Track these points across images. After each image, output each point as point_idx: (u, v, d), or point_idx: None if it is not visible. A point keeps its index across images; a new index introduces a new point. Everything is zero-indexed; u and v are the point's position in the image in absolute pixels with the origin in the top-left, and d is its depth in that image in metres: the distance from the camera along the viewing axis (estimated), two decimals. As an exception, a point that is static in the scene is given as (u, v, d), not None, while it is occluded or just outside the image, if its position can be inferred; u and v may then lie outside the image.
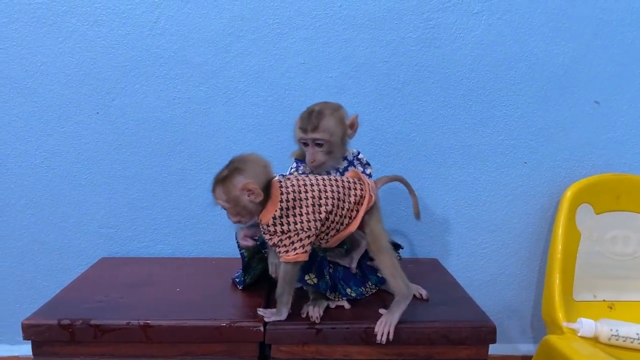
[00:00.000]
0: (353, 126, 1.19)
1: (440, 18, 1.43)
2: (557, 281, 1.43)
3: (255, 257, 1.25)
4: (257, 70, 1.45)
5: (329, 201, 1.06)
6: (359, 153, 1.25)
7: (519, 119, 1.50)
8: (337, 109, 1.18)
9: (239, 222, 1.08)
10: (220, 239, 1.53)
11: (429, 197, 1.53)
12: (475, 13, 1.43)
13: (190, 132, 1.47)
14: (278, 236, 1.04)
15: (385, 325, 1.06)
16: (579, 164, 1.53)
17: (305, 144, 1.17)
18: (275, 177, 1.08)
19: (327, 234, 1.08)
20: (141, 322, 1.05)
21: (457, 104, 1.48)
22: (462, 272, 1.57)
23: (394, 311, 1.07)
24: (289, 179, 1.08)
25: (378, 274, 1.22)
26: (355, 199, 1.08)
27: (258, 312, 1.10)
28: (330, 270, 1.17)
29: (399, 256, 1.27)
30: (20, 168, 1.47)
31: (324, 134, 1.14)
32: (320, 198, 1.05)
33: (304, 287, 1.24)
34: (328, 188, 1.07)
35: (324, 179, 1.09)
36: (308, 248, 1.04)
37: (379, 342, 1.05)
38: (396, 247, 1.30)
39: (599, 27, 1.46)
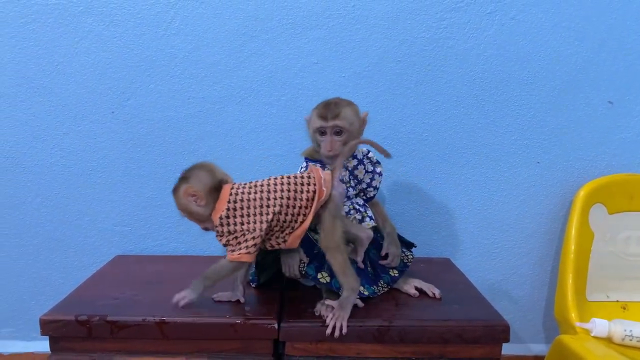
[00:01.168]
0: (364, 122, 1.22)
1: (454, 18, 1.43)
2: (570, 281, 1.43)
3: (270, 256, 1.25)
4: (271, 70, 1.46)
5: (277, 202, 1.07)
6: (368, 152, 1.26)
7: (532, 118, 1.50)
8: (351, 102, 1.21)
9: (206, 229, 1.13)
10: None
11: (441, 196, 1.54)
12: (489, 13, 1.43)
13: (204, 131, 1.48)
14: (226, 236, 1.07)
15: (337, 320, 1.06)
16: (592, 163, 1.53)
17: (323, 133, 1.18)
18: (229, 182, 1.11)
19: (282, 232, 1.09)
20: (157, 319, 1.07)
21: (470, 104, 1.48)
22: (474, 271, 1.57)
23: (345, 305, 1.07)
24: (243, 183, 1.11)
25: (391, 273, 1.22)
26: (308, 196, 1.08)
27: (174, 299, 1.09)
28: None
29: (412, 255, 1.28)
30: (36, 166, 1.49)
31: (345, 122, 1.16)
32: (268, 199, 1.07)
33: (317, 286, 1.25)
34: (278, 188, 1.08)
35: (275, 180, 1.10)
36: (252, 249, 1.05)
37: (330, 335, 1.04)
38: (409, 245, 1.30)
39: (613, 27, 1.45)
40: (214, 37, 1.43)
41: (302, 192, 1.09)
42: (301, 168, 1.25)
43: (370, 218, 1.23)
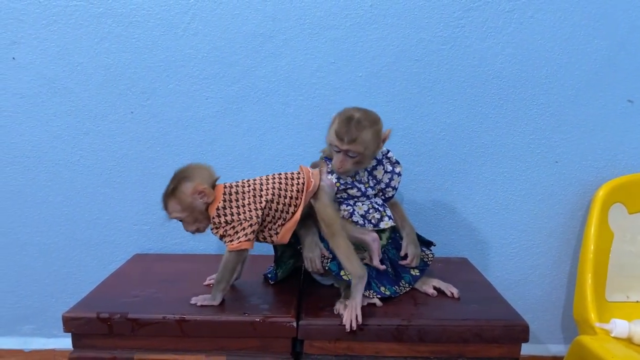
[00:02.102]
0: (385, 140, 1.20)
1: (471, 17, 1.43)
2: (590, 281, 1.42)
3: (288, 251, 1.26)
4: (288, 70, 1.46)
5: (269, 191, 1.12)
6: (388, 152, 1.25)
7: (550, 117, 1.49)
8: (375, 121, 1.17)
9: (197, 230, 1.15)
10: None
11: (458, 196, 1.53)
12: (507, 12, 1.42)
13: (222, 131, 1.49)
14: (223, 227, 1.10)
15: (352, 311, 1.07)
16: (611, 163, 1.52)
17: (337, 150, 1.17)
18: (217, 179, 1.15)
19: (274, 224, 1.13)
20: (177, 317, 1.08)
21: (487, 103, 1.48)
22: (492, 271, 1.57)
23: (355, 295, 1.08)
24: (235, 181, 1.16)
25: (412, 272, 1.23)
26: (298, 187, 1.14)
27: (191, 301, 1.13)
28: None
29: (432, 254, 1.28)
30: (57, 166, 1.51)
31: (359, 148, 1.14)
32: (260, 190, 1.13)
33: (335, 284, 1.26)
34: (270, 181, 1.15)
35: (267, 176, 1.16)
36: (251, 237, 1.09)
37: (348, 330, 1.06)
38: (428, 244, 1.30)
39: (633, 25, 1.44)
40: (232, 38, 1.44)
41: (292, 184, 1.14)
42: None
43: (389, 217, 1.22)
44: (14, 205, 1.53)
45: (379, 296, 1.16)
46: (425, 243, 1.30)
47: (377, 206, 1.23)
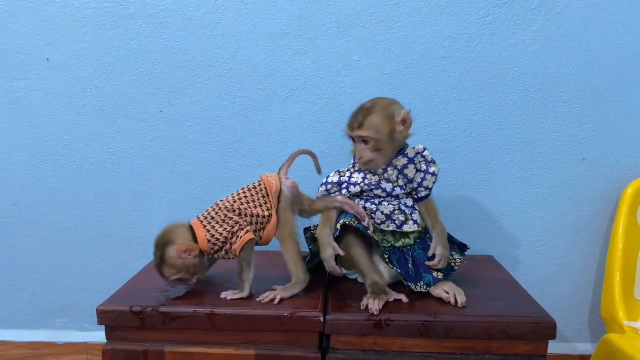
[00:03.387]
0: (406, 122, 1.16)
1: (498, 14, 1.43)
2: (618, 279, 1.41)
3: (314, 243, 1.27)
4: (314, 68, 1.48)
5: (237, 203, 1.17)
6: (424, 150, 1.22)
7: (577, 114, 1.48)
8: (388, 105, 1.17)
9: (198, 280, 1.20)
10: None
11: (484, 193, 1.53)
12: (534, 8, 1.42)
13: (249, 129, 1.52)
14: (224, 248, 1.15)
15: (273, 294, 1.14)
16: (640, 160, 1.50)
17: (354, 140, 1.19)
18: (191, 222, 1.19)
19: (258, 231, 1.18)
20: (207, 311, 1.10)
21: (513, 101, 1.47)
22: (518, 269, 1.56)
23: (289, 290, 1.16)
24: (200, 214, 1.20)
25: (435, 274, 1.19)
26: (263, 193, 1.20)
27: (221, 295, 1.16)
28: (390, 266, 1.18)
29: (460, 259, 1.25)
30: (89, 164, 1.55)
31: (369, 132, 1.14)
32: (231, 203, 1.17)
33: (358, 280, 1.27)
34: (234, 196, 1.20)
35: (229, 196, 1.21)
36: (248, 228, 1.15)
37: (259, 301, 1.13)
38: (462, 247, 1.28)
39: (663, 20, 1.42)
40: (258, 37, 1.46)
41: (256, 192, 1.20)
42: (350, 165, 1.25)
43: (415, 222, 1.21)
44: (48, 203, 1.58)
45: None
46: (459, 246, 1.28)
47: (404, 208, 1.21)
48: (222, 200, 1.20)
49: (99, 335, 1.62)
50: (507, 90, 1.47)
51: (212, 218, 1.17)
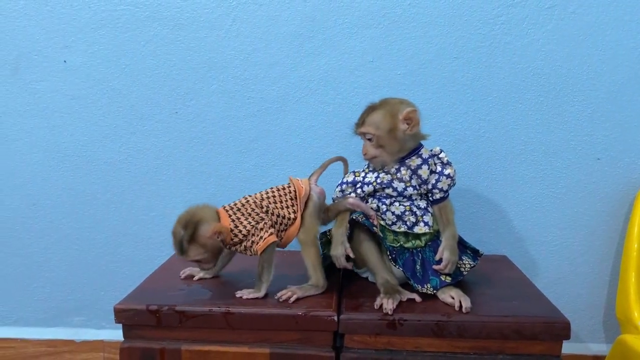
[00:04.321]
0: (411, 121, 1.17)
1: (511, 14, 1.43)
2: (633, 280, 1.40)
3: (328, 246, 1.28)
4: (327, 69, 1.49)
5: (264, 202, 1.18)
6: (441, 152, 1.22)
7: (592, 114, 1.47)
8: (394, 103, 1.19)
9: (213, 265, 1.23)
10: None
11: (498, 193, 1.53)
12: (548, 8, 1.42)
13: (263, 130, 1.53)
14: (243, 242, 1.15)
15: (290, 292, 1.15)
16: (656, 160, 1.49)
17: (361, 138, 1.23)
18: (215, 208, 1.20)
19: (279, 232, 1.19)
20: (222, 310, 1.11)
21: (527, 100, 1.47)
22: (532, 269, 1.56)
23: (305, 290, 1.17)
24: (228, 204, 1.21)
25: (442, 277, 1.19)
26: (292, 195, 1.21)
27: (237, 294, 1.17)
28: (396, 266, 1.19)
29: (470, 264, 1.24)
30: (105, 164, 1.58)
31: (369, 128, 1.18)
32: (260, 200, 1.19)
33: (369, 279, 1.28)
34: (262, 194, 1.21)
35: (259, 192, 1.22)
36: (272, 230, 1.16)
37: (277, 298, 1.15)
38: (475, 252, 1.27)
39: (679, 19, 1.41)
40: (272, 39, 1.47)
41: (284, 194, 1.21)
42: (365, 166, 1.27)
43: (425, 224, 1.22)
44: (66, 202, 1.61)
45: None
46: (473, 251, 1.27)
47: (415, 210, 1.22)
48: (250, 196, 1.21)
49: (115, 333, 1.65)
50: (521, 90, 1.47)
51: (239, 209, 1.17)
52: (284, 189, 1.22)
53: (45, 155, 1.58)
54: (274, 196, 1.20)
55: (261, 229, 1.15)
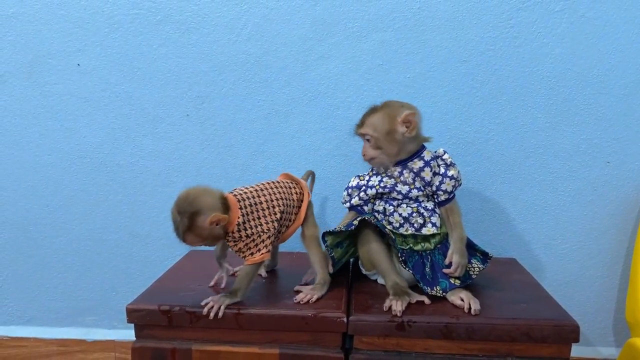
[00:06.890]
0: (409, 123, 1.17)
1: (521, 17, 1.43)
2: (643, 283, 1.39)
3: (338, 248, 1.29)
4: (337, 72, 1.50)
5: (280, 202, 1.18)
6: (444, 153, 1.23)
7: (601, 117, 1.47)
8: (395, 106, 1.20)
9: (219, 243, 1.22)
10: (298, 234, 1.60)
11: (507, 196, 1.53)
12: (557, 11, 1.42)
13: (273, 132, 1.54)
14: (243, 241, 1.14)
15: (309, 295, 1.17)
16: (666, 163, 1.49)
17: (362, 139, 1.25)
18: (224, 193, 1.15)
19: (279, 232, 1.19)
20: (233, 310, 1.13)
21: (537, 103, 1.47)
22: (541, 272, 1.56)
23: (318, 290, 1.19)
24: (240, 189, 1.19)
25: (452, 280, 1.19)
26: (297, 197, 1.24)
27: (203, 303, 1.15)
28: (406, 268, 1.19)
29: (479, 267, 1.24)
30: (117, 166, 1.59)
31: (366, 129, 1.21)
32: (272, 200, 1.18)
33: (378, 281, 1.29)
34: (277, 190, 1.20)
35: (271, 184, 1.22)
36: (270, 247, 1.15)
37: (296, 302, 1.16)
38: (485, 255, 1.26)
39: (690, 22, 1.41)
40: (283, 42, 1.49)
41: (292, 194, 1.23)
42: (370, 168, 1.29)
43: (433, 225, 1.22)
44: (78, 204, 1.63)
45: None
46: (482, 254, 1.26)
47: (422, 210, 1.23)
48: (266, 190, 1.19)
49: (127, 333, 1.67)
50: (530, 93, 1.47)
51: (251, 205, 1.15)
52: (290, 187, 1.24)
53: (59, 157, 1.60)
54: (285, 197, 1.20)
55: (262, 241, 1.14)
